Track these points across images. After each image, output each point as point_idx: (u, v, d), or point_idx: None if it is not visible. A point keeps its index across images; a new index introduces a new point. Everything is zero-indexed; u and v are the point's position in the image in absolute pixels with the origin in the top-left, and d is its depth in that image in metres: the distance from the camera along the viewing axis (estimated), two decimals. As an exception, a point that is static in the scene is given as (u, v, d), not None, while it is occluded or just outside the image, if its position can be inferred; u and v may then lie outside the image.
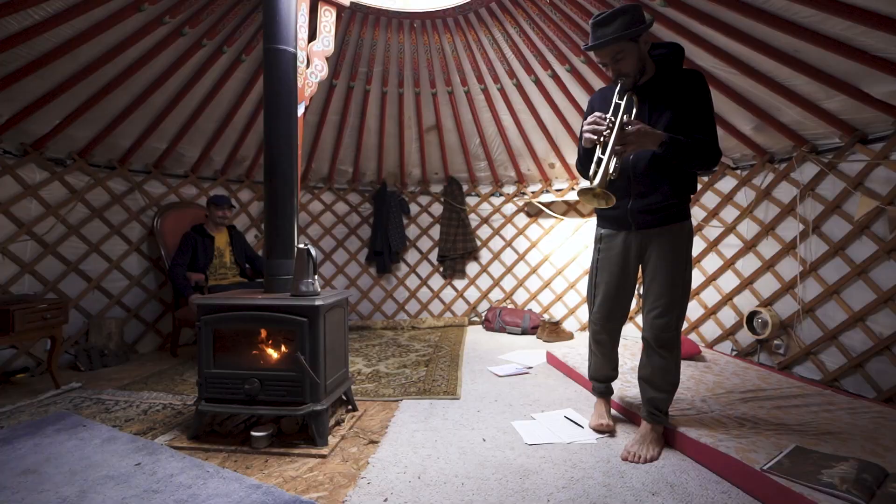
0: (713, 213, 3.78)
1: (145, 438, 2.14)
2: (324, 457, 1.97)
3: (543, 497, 1.65)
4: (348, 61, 3.85)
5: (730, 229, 3.65)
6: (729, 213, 3.69)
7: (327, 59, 2.92)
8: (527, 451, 2.01)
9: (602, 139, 1.74)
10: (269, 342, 2.24)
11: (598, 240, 2.15)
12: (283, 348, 2.23)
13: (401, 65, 3.93)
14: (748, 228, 3.52)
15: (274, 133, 2.32)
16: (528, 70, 3.78)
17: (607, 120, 1.75)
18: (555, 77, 3.72)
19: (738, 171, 3.61)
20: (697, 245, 3.87)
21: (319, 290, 2.22)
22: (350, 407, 2.52)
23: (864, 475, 1.55)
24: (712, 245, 3.78)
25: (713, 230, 3.78)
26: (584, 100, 3.81)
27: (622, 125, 1.73)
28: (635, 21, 1.72)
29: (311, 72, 2.86)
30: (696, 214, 3.90)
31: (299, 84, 2.74)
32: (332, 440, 2.11)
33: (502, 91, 4.08)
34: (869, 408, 2.31)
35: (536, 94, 4.00)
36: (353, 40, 3.68)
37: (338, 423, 2.30)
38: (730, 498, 1.65)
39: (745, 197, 3.55)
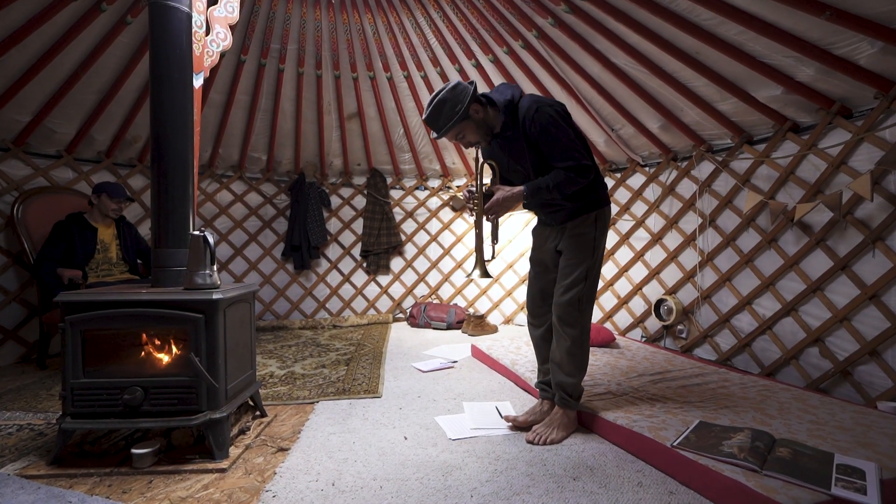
0: (625, 208, 4.00)
1: (-13, 469, 1.74)
2: (223, 471, 1.73)
3: (466, 493, 1.58)
4: (259, 35, 3.52)
5: (639, 223, 3.89)
6: (639, 208, 3.93)
7: (232, 27, 2.61)
8: (450, 447, 1.94)
9: (474, 215, 1.93)
10: (157, 343, 1.94)
11: (532, 233, 2.23)
12: (174, 350, 1.94)
13: (318, 44, 3.68)
14: (655, 222, 3.77)
15: (165, 103, 2.01)
16: (453, 59, 3.72)
17: (472, 195, 1.92)
18: (479, 67, 3.70)
19: (647, 169, 3.85)
20: (611, 238, 4.08)
21: (219, 282, 1.96)
22: (258, 413, 2.27)
23: (756, 443, 1.67)
24: (624, 238, 4.00)
25: (625, 224, 4.00)
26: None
27: (484, 196, 1.89)
28: (456, 104, 1.79)
29: (212, 39, 2.54)
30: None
31: (196, 51, 2.43)
32: (234, 451, 1.87)
33: (426, 79, 3.99)
34: (756, 382, 2.54)
35: (461, 85, 3.96)
36: (263, 11, 3.36)
37: (242, 432, 2.06)
38: (644, 476, 1.69)
39: (652, 192, 3.80)
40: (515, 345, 3.39)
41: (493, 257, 2.02)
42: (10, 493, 1.57)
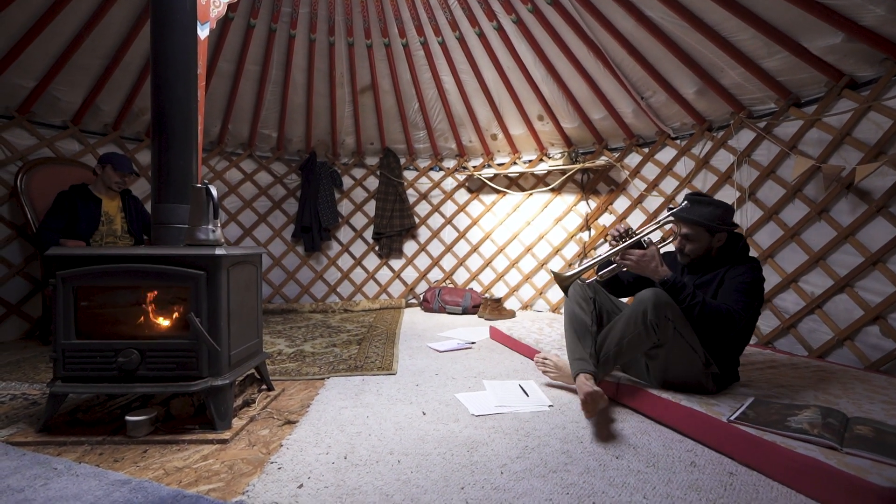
0: (653, 185, 3.77)
1: (-28, 436, 1.60)
2: (224, 442, 1.58)
3: (496, 469, 1.39)
4: (269, -4, 3.36)
5: (669, 200, 3.65)
6: (668, 184, 3.69)
7: (240, -21, 2.45)
8: (474, 423, 1.76)
9: (612, 242, 1.89)
10: (155, 304, 1.78)
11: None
12: (173, 312, 1.78)
13: (331, 7, 3.50)
14: (686, 198, 3.53)
15: (166, 45, 1.87)
16: (472, 21, 3.51)
17: (628, 232, 1.88)
18: (500, 30, 3.49)
19: (678, 141, 3.61)
20: (638, 217, 3.87)
21: (222, 238, 1.80)
22: (264, 387, 2.11)
23: (829, 420, 1.46)
24: (651, 217, 3.77)
25: (653, 201, 3.76)
26: (531, 59, 3.64)
27: (634, 244, 1.85)
28: (716, 218, 1.81)
29: (219, -10, 2.39)
30: (638, 185, 3.88)
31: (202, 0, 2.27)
32: (237, 423, 1.71)
33: (444, 46, 3.79)
34: (807, 363, 2.32)
35: (480, 51, 3.76)
36: (273, -30, 3.20)
37: (247, 404, 1.90)
38: (696, 455, 1.49)
39: (684, 167, 3.56)
40: (538, 326, 3.20)
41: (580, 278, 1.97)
42: (-8, 459, 1.42)
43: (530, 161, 4.57)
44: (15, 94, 3.15)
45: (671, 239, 1.97)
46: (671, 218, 1.90)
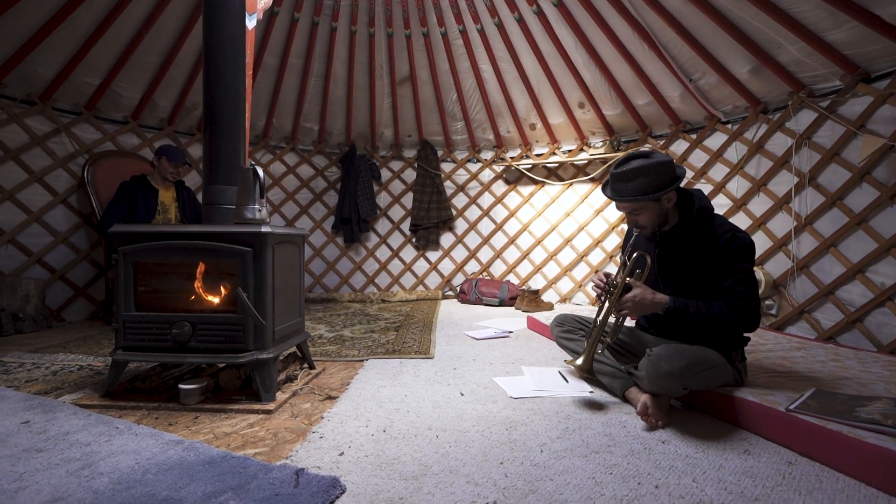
0: (701, 173, 3.60)
1: (46, 398, 1.74)
2: (269, 412, 1.64)
3: (535, 447, 1.37)
4: (312, -11, 3.45)
5: (719, 188, 3.47)
6: (718, 172, 3.51)
7: (285, -29, 2.53)
8: (512, 405, 1.74)
9: (602, 300, 1.72)
10: (206, 279, 1.87)
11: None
12: (221, 288, 1.86)
13: (371, -2, 3.56)
14: (738, 185, 3.35)
15: (216, 33, 1.94)
16: (511, 6, 3.46)
17: (610, 282, 1.71)
18: (540, 14, 3.42)
19: (729, 126, 3.43)
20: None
21: (268, 218, 1.86)
22: (306, 365, 2.17)
23: (904, 412, 1.33)
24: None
25: (702, 189, 3.58)
26: (571, 43, 3.55)
27: (622, 290, 1.67)
28: (657, 182, 1.63)
29: (265, -18, 2.47)
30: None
31: (250, -10, 2.35)
32: (280, 396, 1.77)
33: (482, 33, 3.76)
34: (878, 357, 2.15)
35: (519, 37, 3.71)
36: (318, -36, 3.28)
37: (289, 380, 1.96)
38: (750, 444, 1.41)
39: (735, 153, 3.37)
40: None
41: (601, 351, 1.81)
42: (64, 417, 1.55)
43: (570, 151, 4.47)
44: (83, 91, 3.39)
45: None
46: (635, 253, 1.73)
